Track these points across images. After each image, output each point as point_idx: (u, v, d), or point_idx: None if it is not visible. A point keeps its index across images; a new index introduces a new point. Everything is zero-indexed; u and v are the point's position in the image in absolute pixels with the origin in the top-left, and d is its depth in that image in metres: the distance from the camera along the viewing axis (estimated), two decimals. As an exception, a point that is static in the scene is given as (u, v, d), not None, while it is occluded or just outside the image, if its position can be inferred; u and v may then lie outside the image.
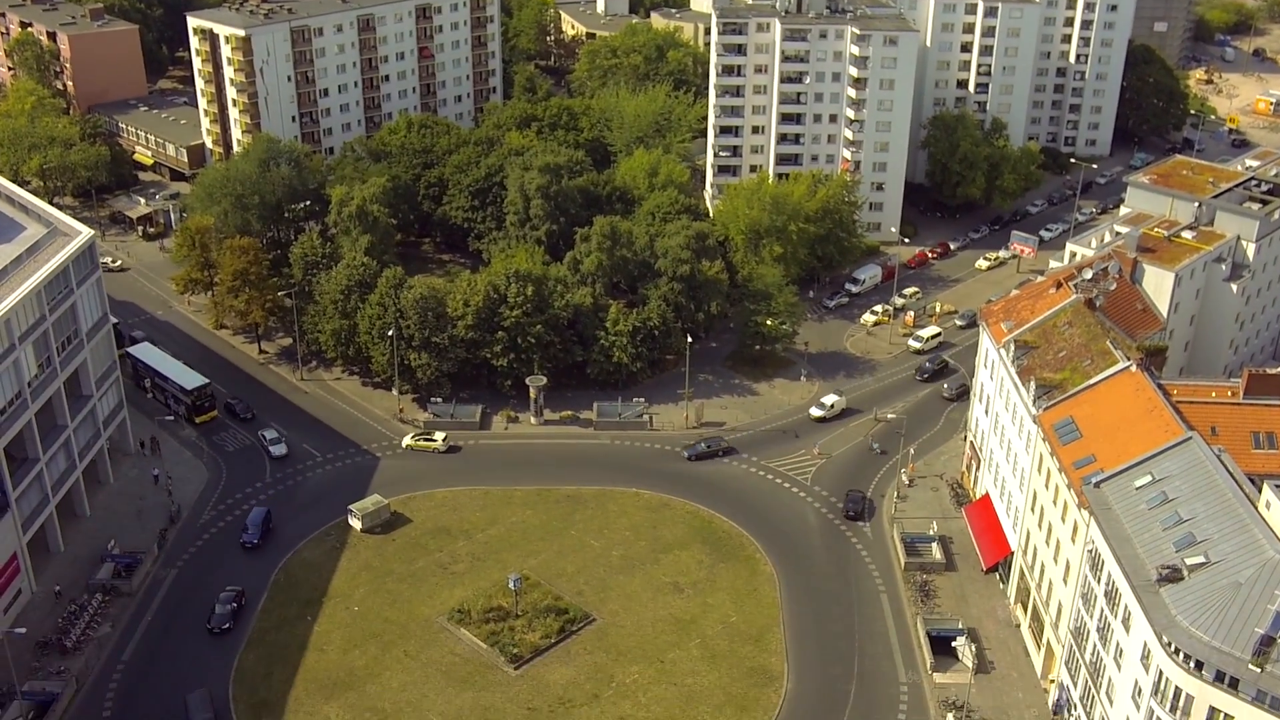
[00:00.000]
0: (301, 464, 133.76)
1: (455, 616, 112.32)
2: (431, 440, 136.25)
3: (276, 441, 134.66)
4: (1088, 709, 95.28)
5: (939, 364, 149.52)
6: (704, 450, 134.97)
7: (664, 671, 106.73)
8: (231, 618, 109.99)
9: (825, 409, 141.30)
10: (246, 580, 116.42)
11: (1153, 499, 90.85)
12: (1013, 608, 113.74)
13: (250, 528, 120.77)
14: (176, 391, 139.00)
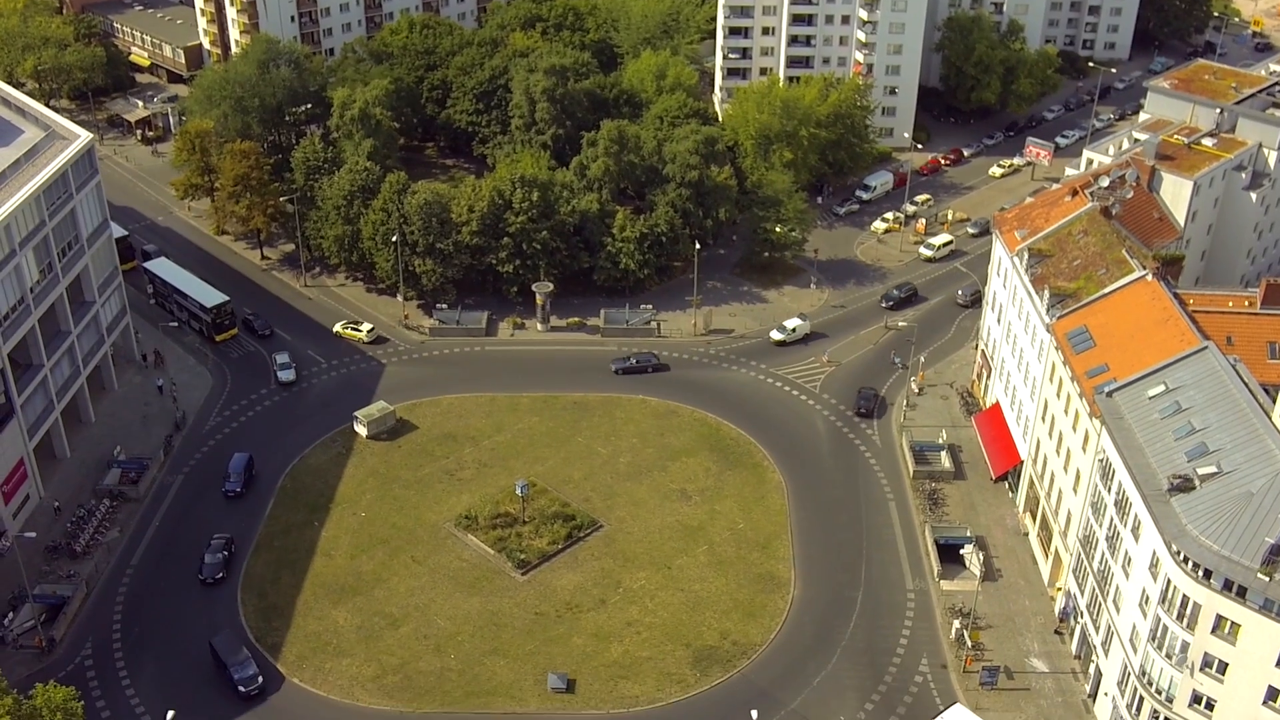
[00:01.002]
0: (306, 370, 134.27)
1: (462, 522, 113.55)
2: (358, 330, 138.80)
3: (286, 367, 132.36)
4: (1094, 617, 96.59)
5: (907, 292, 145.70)
6: (632, 365, 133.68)
7: (671, 578, 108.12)
8: (224, 566, 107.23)
9: (786, 332, 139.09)
10: (253, 484, 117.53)
11: (1166, 408, 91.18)
12: (1021, 516, 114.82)
13: (232, 475, 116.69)
14: (196, 309, 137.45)
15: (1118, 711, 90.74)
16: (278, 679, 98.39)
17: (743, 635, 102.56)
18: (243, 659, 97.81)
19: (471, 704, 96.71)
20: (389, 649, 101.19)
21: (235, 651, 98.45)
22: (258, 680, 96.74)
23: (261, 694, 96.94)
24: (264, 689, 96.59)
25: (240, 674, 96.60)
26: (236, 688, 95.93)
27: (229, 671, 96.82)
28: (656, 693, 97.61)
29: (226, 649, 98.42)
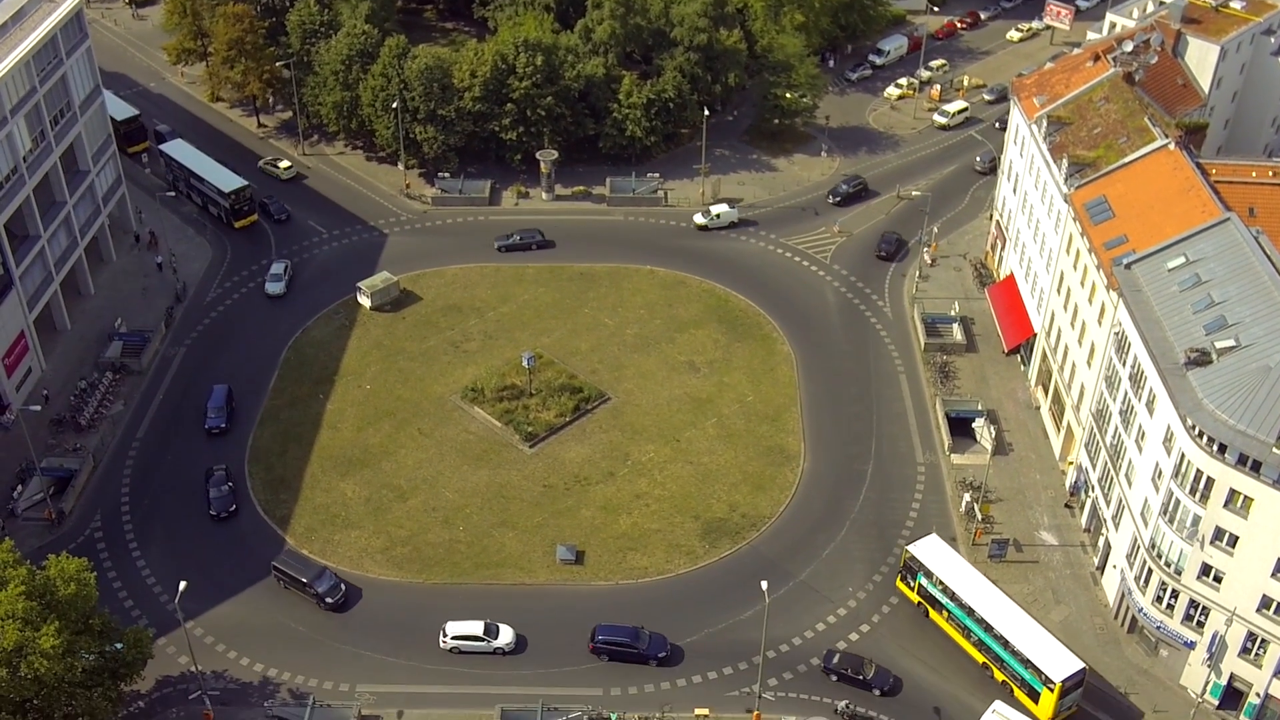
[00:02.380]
0: (307, 240, 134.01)
1: (469, 395, 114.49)
2: (276, 168, 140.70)
3: (277, 279, 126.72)
4: (1105, 491, 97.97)
5: (856, 186, 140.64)
6: (516, 242, 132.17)
7: (680, 450, 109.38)
8: (233, 498, 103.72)
9: (709, 218, 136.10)
10: (256, 359, 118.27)
11: (1185, 281, 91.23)
12: (1033, 390, 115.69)
13: (212, 411, 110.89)
14: (213, 194, 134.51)
15: (1125, 584, 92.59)
16: (280, 545, 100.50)
17: (751, 508, 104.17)
18: (320, 572, 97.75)
19: (480, 575, 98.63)
20: (397, 521, 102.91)
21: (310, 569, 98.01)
22: (341, 590, 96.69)
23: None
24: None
25: (322, 587, 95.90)
26: (323, 600, 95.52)
27: (311, 587, 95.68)
28: (665, 564, 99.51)
29: (300, 568, 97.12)
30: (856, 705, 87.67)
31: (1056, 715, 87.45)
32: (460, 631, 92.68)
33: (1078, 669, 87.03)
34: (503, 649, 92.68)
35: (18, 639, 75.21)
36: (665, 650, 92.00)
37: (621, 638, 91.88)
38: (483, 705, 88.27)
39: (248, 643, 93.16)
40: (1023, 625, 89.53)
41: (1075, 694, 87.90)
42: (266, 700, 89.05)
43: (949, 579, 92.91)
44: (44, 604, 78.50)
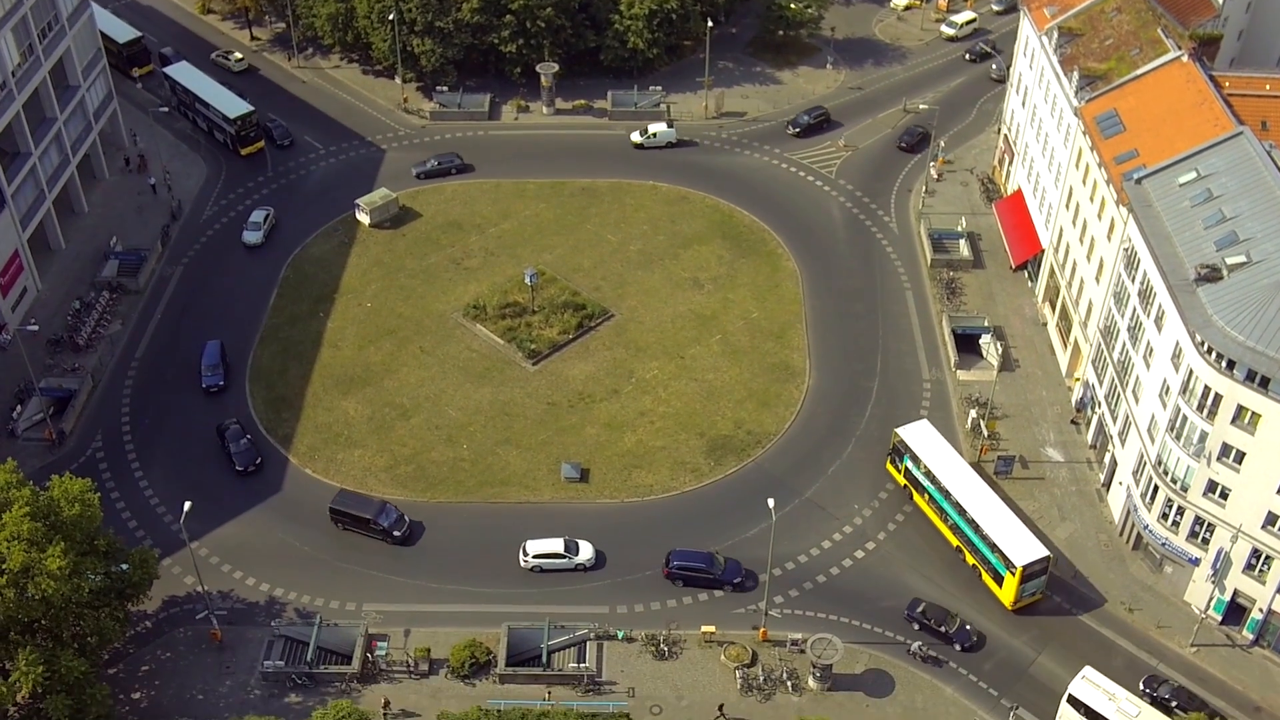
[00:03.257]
0: (304, 156, 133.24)
1: (470, 312, 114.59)
2: (228, 60, 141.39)
3: (255, 227, 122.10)
4: (1112, 407, 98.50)
5: (818, 116, 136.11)
6: (433, 169, 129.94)
7: (684, 367, 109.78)
8: (256, 450, 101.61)
9: (645, 136, 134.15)
10: (255, 277, 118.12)
11: (1196, 196, 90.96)
12: (1040, 306, 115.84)
13: (207, 370, 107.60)
14: (219, 119, 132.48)
15: (1131, 500, 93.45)
16: (284, 465, 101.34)
17: (757, 424, 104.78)
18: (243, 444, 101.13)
19: (485, 494, 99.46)
20: (401, 440, 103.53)
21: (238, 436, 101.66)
22: (406, 522, 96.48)
23: (276, 485, 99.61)
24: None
25: (387, 521, 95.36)
26: (390, 534, 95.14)
27: (375, 524, 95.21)
28: (670, 482, 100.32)
29: (360, 505, 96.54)
30: (929, 648, 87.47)
31: (1018, 600, 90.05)
32: (541, 550, 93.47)
33: (1041, 556, 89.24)
34: (584, 565, 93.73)
35: (24, 560, 75.99)
36: (740, 576, 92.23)
37: (696, 563, 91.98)
38: (490, 624, 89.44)
39: (253, 563, 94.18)
40: (995, 511, 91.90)
41: (1038, 580, 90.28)
42: (273, 620, 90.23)
43: (931, 462, 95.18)
44: (49, 525, 79.19)
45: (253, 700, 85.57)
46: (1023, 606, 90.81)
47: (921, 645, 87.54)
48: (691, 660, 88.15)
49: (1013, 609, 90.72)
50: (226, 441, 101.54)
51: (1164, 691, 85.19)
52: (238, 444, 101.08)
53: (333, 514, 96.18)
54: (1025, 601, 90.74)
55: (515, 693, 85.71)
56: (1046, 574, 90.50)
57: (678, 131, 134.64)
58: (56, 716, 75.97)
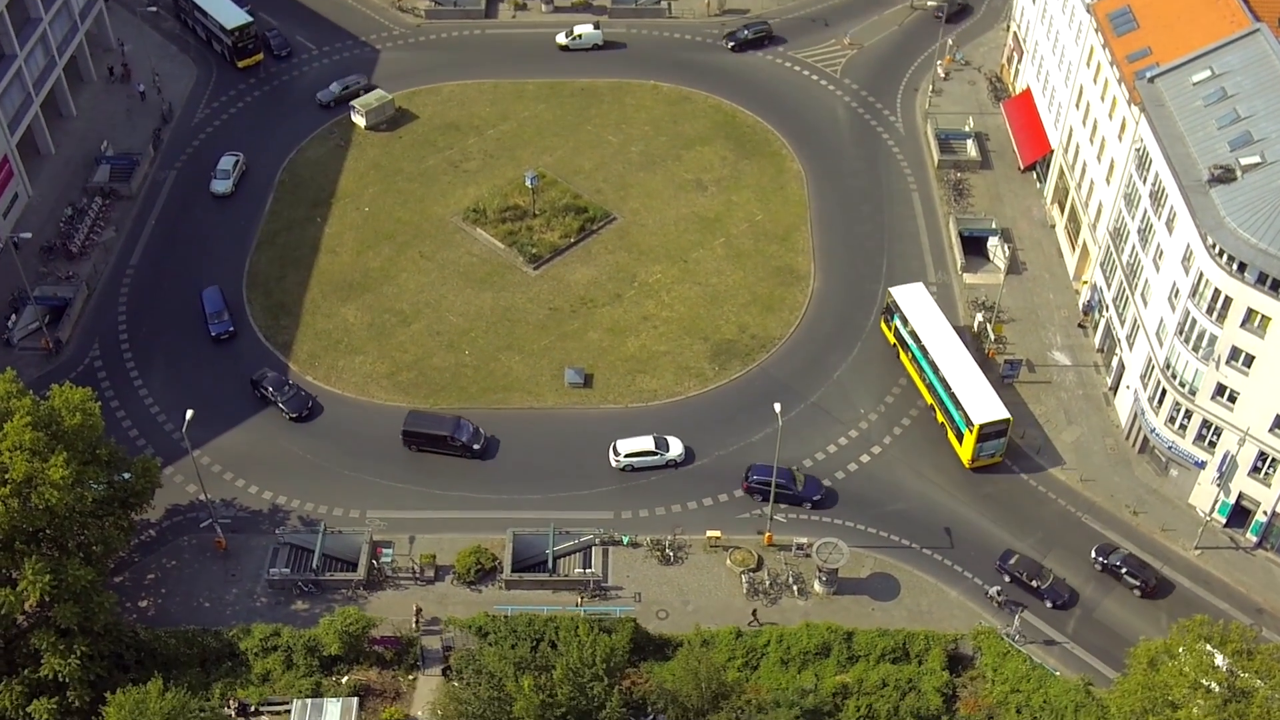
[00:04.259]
0: (297, 57, 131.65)
1: (470, 216, 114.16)
2: None
3: (224, 175, 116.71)
4: (1120, 310, 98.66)
5: (759, 32, 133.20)
6: (339, 95, 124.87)
7: (688, 271, 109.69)
8: (308, 397, 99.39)
9: (570, 38, 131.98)
10: (250, 181, 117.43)
11: (1210, 95, 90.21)
12: (1049, 208, 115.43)
13: (214, 318, 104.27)
14: (216, 30, 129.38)
15: (1139, 404, 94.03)
16: (284, 372, 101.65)
17: (761, 329, 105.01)
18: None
19: (488, 400, 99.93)
20: (401, 346, 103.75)
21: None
22: (482, 435, 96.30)
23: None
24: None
25: (464, 436, 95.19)
26: (469, 449, 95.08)
27: (453, 440, 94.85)
28: (675, 386, 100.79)
29: (434, 423, 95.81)
30: (1007, 595, 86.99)
31: (975, 459, 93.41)
32: (632, 449, 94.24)
33: (999, 417, 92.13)
34: (675, 460, 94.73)
35: (27, 470, 76.47)
36: (820, 493, 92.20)
37: (776, 478, 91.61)
38: (494, 529, 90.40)
39: (256, 471, 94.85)
40: (965, 371, 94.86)
41: (996, 442, 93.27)
42: (278, 527, 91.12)
43: (916, 322, 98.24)
44: (50, 435, 79.52)
45: (259, 608, 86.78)
46: (980, 467, 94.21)
47: (999, 590, 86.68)
48: (697, 565, 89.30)
49: (970, 467, 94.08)
50: (270, 393, 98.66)
51: (1114, 559, 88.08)
52: (284, 392, 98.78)
53: (405, 436, 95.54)
54: (983, 461, 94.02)
55: (521, 598, 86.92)
56: (1004, 437, 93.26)
57: (604, 35, 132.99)
58: (65, 624, 77.01)
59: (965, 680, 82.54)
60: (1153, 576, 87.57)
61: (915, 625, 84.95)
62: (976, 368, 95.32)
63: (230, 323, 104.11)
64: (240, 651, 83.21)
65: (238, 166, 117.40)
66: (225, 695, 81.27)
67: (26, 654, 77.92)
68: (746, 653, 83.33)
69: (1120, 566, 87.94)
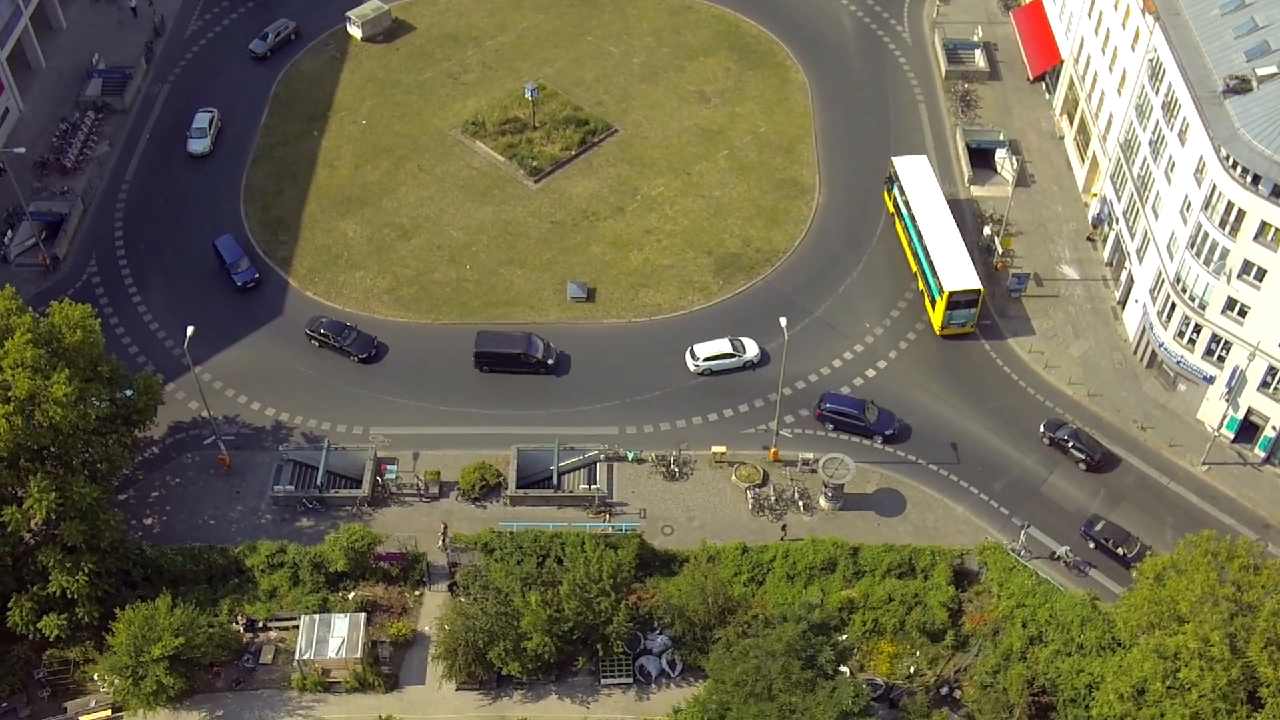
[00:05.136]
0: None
1: (469, 129, 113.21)
2: None
3: (201, 134, 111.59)
4: (1130, 223, 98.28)
5: None
6: (272, 45, 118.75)
7: (691, 184, 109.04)
8: (370, 338, 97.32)
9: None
10: (244, 95, 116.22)
11: (1227, 3, 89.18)
12: (1058, 119, 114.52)
13: (235, 266, 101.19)
14: None
15: (1147, 318, 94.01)
16: (284, 288, 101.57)
17: (766, 242, 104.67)
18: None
19: (490, 314, 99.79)
20: (402, 261, 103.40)
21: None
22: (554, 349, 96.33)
23: (277, 308, 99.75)
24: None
25: (538, 351, 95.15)
26: (544, 364, 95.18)
27: (526, 357, 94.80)
28: (679, 301, 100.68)
29: (506, 341, 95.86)
30: (1075, 553, 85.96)
31: (945, 326, 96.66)
32: (710, 352, 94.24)
33: (970, 287, 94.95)
34: (752, 361, 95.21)
35: (29, 387, 76.47)
36: (893, 428, 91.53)
37: (848, 408, 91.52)
38: (499, 446, 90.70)
39: (258, 387, 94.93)
40: (947, 240, 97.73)
41: (965, 312, 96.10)
42: (281, 444, 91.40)
43: (910, 191, 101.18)
44: (51, 352, 79.49)
45: (264, 525, 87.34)
46: (950, 335, 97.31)
47: (1069, 551, 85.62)
48: (702, 481, 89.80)
49: (940, 334, 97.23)
50: (329, 338, 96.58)
51: (1062, 434, 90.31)
52: (346, 335, 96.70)
53: (477, 358, 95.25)
54: (953, 330, 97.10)
55: (526, 514, 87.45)
56: (975, 307, 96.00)
57: None
58: (71, 542, 77.52)
59: (971, 595, 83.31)
60: (1098, 451, 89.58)
61: (921, 541, 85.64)
62: (960, 240, 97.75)
63: (254, 269, 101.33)
64: (246, 568, 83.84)
65: (213, 123, 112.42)
66: (233, 611, 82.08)
67: (34, 571, 78.52)
68: (752, 568, 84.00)
69: (1067, 440, 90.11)
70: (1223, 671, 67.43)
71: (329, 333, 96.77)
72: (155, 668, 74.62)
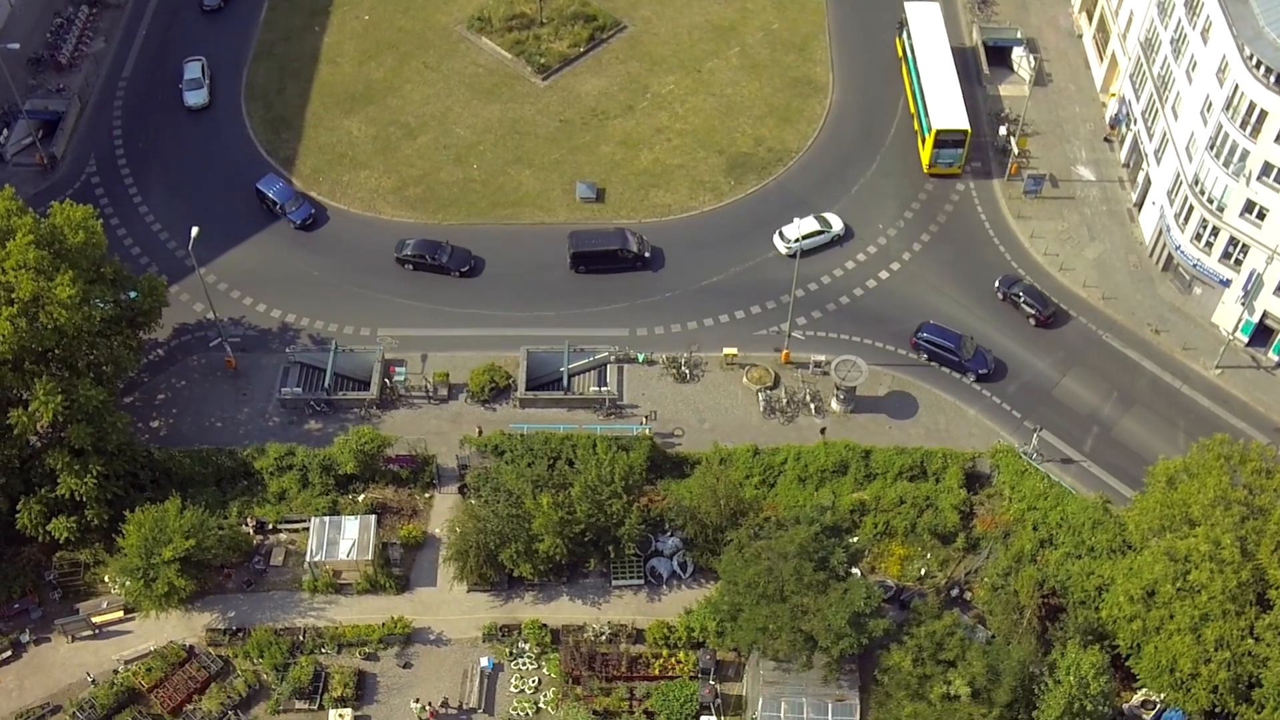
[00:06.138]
0: None
1: (475, 24, 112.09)
2: None
3: (196, 85, 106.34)
4: (1149, 123, 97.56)
5: None
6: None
7: (702, 82, 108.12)
8: (467, 252, 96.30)
9: None
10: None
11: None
12: (1076, 17, 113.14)
13: (289, 205, 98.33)
14: None
15: (1164, 221, 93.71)
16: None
17: (778, 142, 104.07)
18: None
19: (498, 215, 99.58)
20: (408, 160, 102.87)
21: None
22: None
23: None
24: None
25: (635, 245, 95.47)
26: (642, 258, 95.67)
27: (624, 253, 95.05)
28: (689, 201, 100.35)
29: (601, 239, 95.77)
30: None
31: (932, 164, 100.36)
32: (799, 231, 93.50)
33: (957, 126, 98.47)
34: (838, 235, 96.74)
35: (33, 289, 76.47)
36: (987, 367, 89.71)
37: (945, 340, 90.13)
38: (508, 347, 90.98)
39: (264, 289, 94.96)
40: (945, 82, 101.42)
41: (952, 152, 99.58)
42: (288, 346, 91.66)
43: (917, 35, 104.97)
44: (54, 253, 79.35)
45: (272, 427, 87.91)
46: (937, 174, 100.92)
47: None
48: (713, 383, 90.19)
49: (927, 172, 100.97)
50: (420, 258, 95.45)
51: (1016, 289, 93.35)
52: (443, 252, 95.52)
53: (574, 259, 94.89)
54: (940, 170, 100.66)
55: (536, 417, 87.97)
56: (962, 148, 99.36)
57: None
58: (79, 445, 78.05)
59: (982, 498, 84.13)
60: (1050, 307, 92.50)
61: (933, 444, 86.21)
62: (955, 83, 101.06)
63: (309, 205, 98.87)
64: (255, 471, 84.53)
65: (206, 70, 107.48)
66: (242, 514, 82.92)
67: (43, 474, 79.12)
68: (764, 470, 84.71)
69: (1019, 295, 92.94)
70: (1233, 574, 68.31)
71: (422, 253, 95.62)
72: (166, 569, 75.53)
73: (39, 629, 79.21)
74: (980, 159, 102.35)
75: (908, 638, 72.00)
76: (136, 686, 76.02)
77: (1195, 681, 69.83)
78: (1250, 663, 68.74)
